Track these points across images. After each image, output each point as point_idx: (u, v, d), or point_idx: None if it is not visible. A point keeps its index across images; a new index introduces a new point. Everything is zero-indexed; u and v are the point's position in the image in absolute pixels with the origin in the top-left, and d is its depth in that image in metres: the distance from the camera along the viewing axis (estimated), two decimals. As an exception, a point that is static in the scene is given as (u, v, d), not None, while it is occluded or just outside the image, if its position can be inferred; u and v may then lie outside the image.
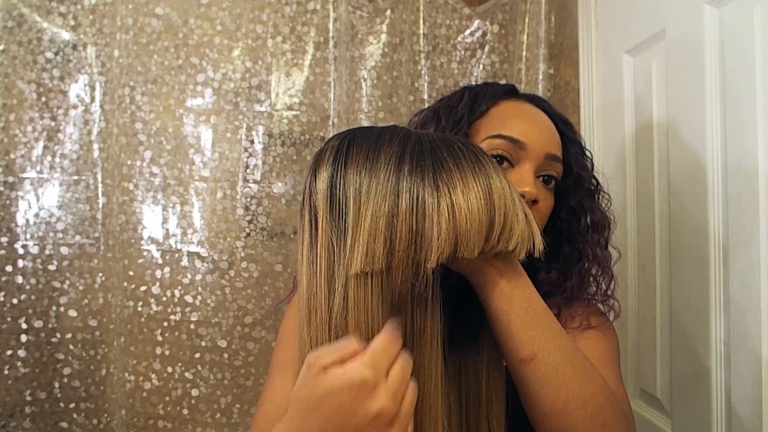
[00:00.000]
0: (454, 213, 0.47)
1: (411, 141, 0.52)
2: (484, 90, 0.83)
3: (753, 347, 0.75)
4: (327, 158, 0.53)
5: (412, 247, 0.47)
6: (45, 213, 1.35)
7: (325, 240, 0.51)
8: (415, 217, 0.47)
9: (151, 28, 1.34)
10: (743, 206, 0.77)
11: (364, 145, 0.52)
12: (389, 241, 0.47)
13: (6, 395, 1.32)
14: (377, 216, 0.48)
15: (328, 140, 0.56)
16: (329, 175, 0.52)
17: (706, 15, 0.83)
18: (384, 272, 0.48)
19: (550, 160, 0.76)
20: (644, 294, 1.03)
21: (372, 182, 0.49)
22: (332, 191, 0.51)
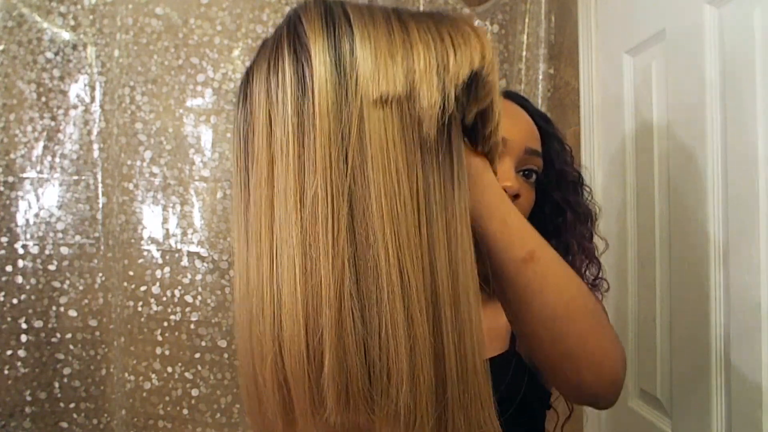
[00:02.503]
0: (476, 32, 0.44)
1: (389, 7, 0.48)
2: None
3: (753, 347, 0.75)
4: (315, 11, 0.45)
5: (435, 63, 0.42)
6: (45, 213, 1.35)
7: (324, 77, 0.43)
8: (432, 35, 0.43)
9: (151, 28, 1.34)
10: (743, 206, 0.77)
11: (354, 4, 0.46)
12: (408, 59, 0.42)
13: (6, 395, 1.32)
14: (390, 34, 0.43)
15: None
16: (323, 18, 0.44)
17: (706, 15, 0.83)
18: (405, 100, 0.42)
19: (530, 154, 0.76)
20: (644, 294, 1.03)
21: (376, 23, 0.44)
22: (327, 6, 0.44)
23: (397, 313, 0.42)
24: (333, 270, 0.42)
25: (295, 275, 0.43)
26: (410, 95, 0.42)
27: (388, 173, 0.42)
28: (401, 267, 0.42)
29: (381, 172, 0.42)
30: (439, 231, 0.44)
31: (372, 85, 0.42)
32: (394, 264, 0.42)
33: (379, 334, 0.42)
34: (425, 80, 0.42)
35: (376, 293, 0.42)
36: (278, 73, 0.44)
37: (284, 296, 0.43)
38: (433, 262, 0.43)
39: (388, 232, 0.42)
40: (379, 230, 0.42)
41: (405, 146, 0.43)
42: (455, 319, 0.43)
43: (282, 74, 0.44)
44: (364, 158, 0.42)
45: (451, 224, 0.44)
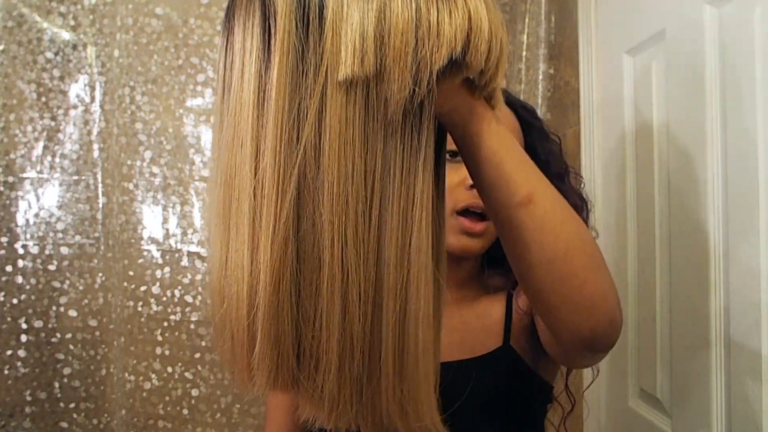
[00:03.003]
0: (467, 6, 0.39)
1: None
2: None
3: (753, 347, 0.75)
4: None
5: (411, 39, 0.38)
6: (45, 213, 1.35)
7: (287, 46, 0.39)
8: (416, 6, 0.38)
9: (151, 28, 1.34)
10: (743, 206, 0.77)
11: None
12: (381, 36, 0.38)
13: (6, 395, 1.32)
14: (365, 10, 0.38)
15: None
16: None
17: (706, 15, 0.83)
18: (372, 80, 0.39)
19: None
20: (644, 294, 1.03)
21: None
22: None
23: (334, 305, 0.41)
24: (273, 250, 0.40)
25: (244, 249, 0.42)
26: (380, 76, 0.39)
27: (343, 157, 0.39)
28: (344, 259, 0.40)
29: (336, 154, 0.39)
30: (392, 218, 0.41)
31: (338, 62, 0.39)
32: (337, 255, 0.40)
33: (313, 323, 0.41)
34: (398, 62, 0.38)
35: (315, 282, 0.41)
36: (249, 25, 0.42)
37: (235, 270, 0.43)
38: (381, 253, 0.41)
39: (335, 221, 0.40)
40: (326, 218, 0.40)
41: (365, 128, 0.40)
42: (399, 313, 0.42)
43: (251, 32, 0.41)
44: (319, 138, 0.39)
45: (409, 211, 0.42)
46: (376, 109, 0.40)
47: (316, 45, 0.39)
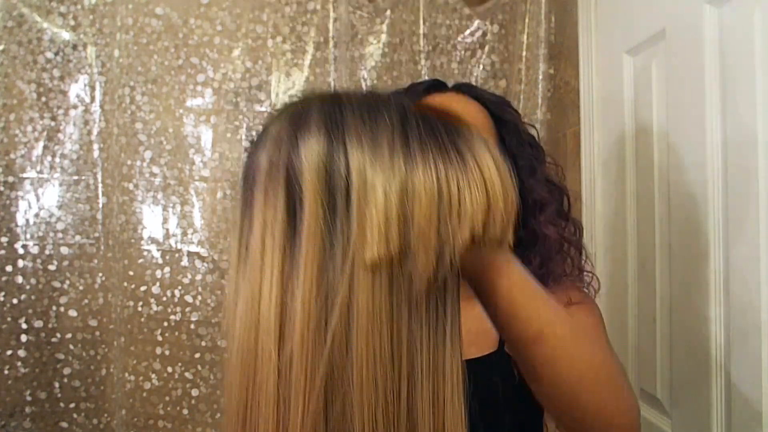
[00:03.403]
0: (483, 176, 0.41)
1: (406, 106, 0.44)
2: (407, 91, 0.84)
3: (753, 347, 0.75)
4: (315, 126, 0.41)
5: (435, 219, 0.39)
6: (45, 213, 1.35)
7: (315, 228, 0.40)
8: (437, 182, 0.39)
9: (151, 28, 1.34)
10: (743, 206, 0.77)
11: (357, 109, 0.42)
12: (405, 216, 0.39)
13: (6, 395, 1.32)
14: (389, 187, 0.39)
15: (299, 103, 0.45)
16: (324, 147, 0.40)
17: (706, 15, 0.83)
18: (397, 258, 0.39)
19: None
20: (644, 294, 1.03)
21: (377, 152, 0.40)
22: (330, 168, 0.40)
23: None
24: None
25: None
26: (404, 254, 0.39)
27: (372, 337, 0.40)
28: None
29: (365, 336, 0.39)
30: (423, 397, 0.41)
31: (365, 244, 0.39)
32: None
33: None
34: (422, 241, 0.39)
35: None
36: (273, 198, 0.42)
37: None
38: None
39: (365, 404, 0.39)
40: (356, 400, 0.39)
41: (392, 307, 0.40)
42: None
43: (275, 202, 0.42)
44: (348, 321, 0.39)
45: (440, 388, 0.42)
46: (401, 286, 0.40)
47: (343, 227, 0.40)
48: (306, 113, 0.43)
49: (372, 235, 0.39)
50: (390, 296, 0.40)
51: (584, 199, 1.23)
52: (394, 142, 0.40)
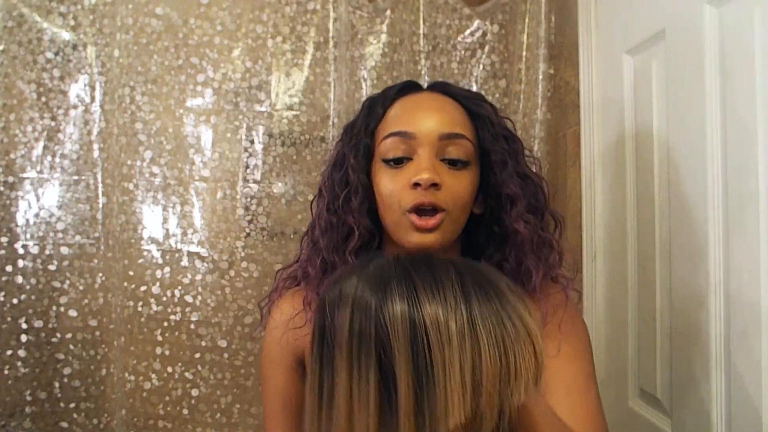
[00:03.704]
0: (532, 340, 0.49)
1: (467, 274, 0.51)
2: (381, 95, 0.85)
3: (753, 347, 0.75)
4: (392, 291, 0.48)
5: (498, 384, 0.47)
6: (45, 213, 1.35)
7: (408, 394, 0.46)
8: (498, 351, 0.47)
9: (151, 28, 1.34)
10: (743, 205, 0.77)
11: (424, 277, 0.49)
12: (476, 384, 0.46)
13: (6, 395, 1.32)
14: (464, 360, 0.46)
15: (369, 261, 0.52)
16: (404, 310, 0.46)
17: (706, 15, 0.83)
18: (470, 421, 0.47)
19: (447, 139, 0.76)
20: (644, 294, 1.03)
21: (449, 320, 0.46)
22: (413, 332, 0.46)
23: None
24: None
25: None
26: (475, 416, 0.47)
27: None
28: None
29: None
30: None
31: (447, 413, 0.46)
32: None
33: None
34: (489, 404, 0.47)
35: None
36: (365, 370, 0.48)
37: None
38: None
39: None
40: None
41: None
42: None
43: (367, 385, 0.48)
44: None
45: None
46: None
47: (428, 398, 0.47)
48: (385, 280, 0.49)
49: (453, 405, 0.46)
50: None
51: (584, 199, 1.23)
52: (464, 319, 0.47)
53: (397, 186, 0.75)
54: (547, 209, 0.83)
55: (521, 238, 0.78)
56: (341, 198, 0.80)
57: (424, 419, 0.46)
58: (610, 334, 1.16)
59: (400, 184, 0.75)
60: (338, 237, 0.80)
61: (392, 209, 0.76)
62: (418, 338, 0.46)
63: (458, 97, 0.82)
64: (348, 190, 0.80)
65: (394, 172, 0.76)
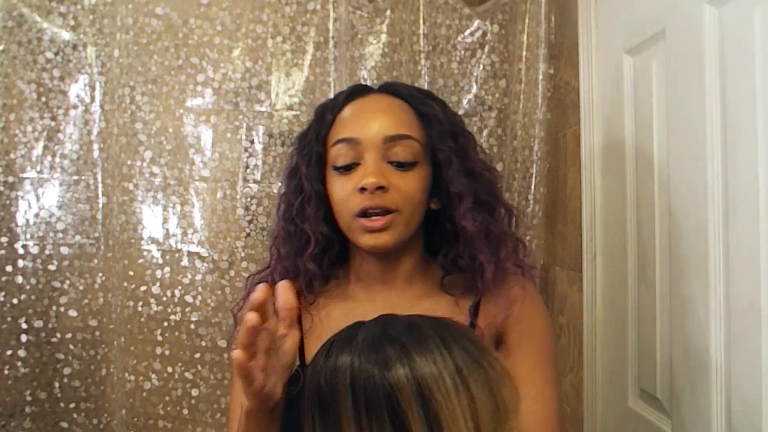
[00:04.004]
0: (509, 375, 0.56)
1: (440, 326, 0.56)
2: (331, 101, 0.86)
3: (753, 347, 0.75)
4: (390, 353, 0.53)
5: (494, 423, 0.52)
6: (45, 213, 1.35)
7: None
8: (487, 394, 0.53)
9: (151, 28, 1.34)
10: (743, 206, 0.77)
11: (408, 335, 0.55)
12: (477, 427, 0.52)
13: (6, 395, 1.32)
14: (464, 409, 0.52)
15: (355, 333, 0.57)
16: (409, 372, 0.52)
17: (706, 15, 0.83)
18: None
19: (392, 141, 0.78)
20: (644, 294, 1.03)
21: (443, 372, 0.52)
22: (420, 390, 0.51)
23: None
24: None
25: None
26: None
27: None
28: None
29: None
30: None
31: None
32: None
33: None
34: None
35: None
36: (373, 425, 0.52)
37: None
38: None
39: None
40: None
41: None
42: None
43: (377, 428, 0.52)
44: None
45: None
46: None
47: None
48: (378, 347, 0.54)
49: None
50: None
51: (584, 199, 1.23)
52: (454, 371, 0.52)
53: (347, 192, 0.78)
54: (499, 203, 0.85)
55: (469, 234, 0.79)
56: (296, 207, 0.83)
57: None
58: (610, 334, 1.16)
59: (349, 190, 0.78)
60: (297, 244, 0.83)
61: (343, 214, 0.79)
62: (424, 396, 0.51)
63: (406, 98, 0.83)
64: (302, 198, 0.82)
65: (344, 179, 0.79)
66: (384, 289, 0.84)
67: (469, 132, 0.87)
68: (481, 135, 1.47)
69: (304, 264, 0.82)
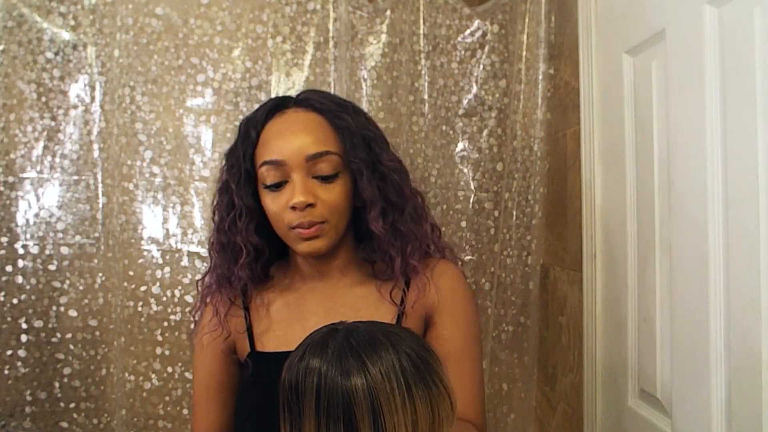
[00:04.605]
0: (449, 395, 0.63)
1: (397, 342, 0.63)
2: (252, 118, 0.92)
3: (753, 347, 0.75)
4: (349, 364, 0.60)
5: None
6: (45, 213, 1.35)
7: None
8: (428, 409, 0.61)
9: (151, 28, 1.34)
10: (743, 206, 0.77)
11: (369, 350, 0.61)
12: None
13: (6, 395, 1.32)
14: (406, 419, 0.59)
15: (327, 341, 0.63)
16: (362, 382, 0.59)
17: (706, 15, 0.83)
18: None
19: (314, 159, 0.85)
20: (644, 294, 1.03)
21: (394, 387, 0.59)
22: (372, 400, 0.59)
23: None
24: None
25: None
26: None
27: None
28: None
29: None
30: None
31: None
32: None
33: None
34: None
35: None
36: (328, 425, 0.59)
37: None
38: None
39: None
40: None
41: None
42: None
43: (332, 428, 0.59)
44: None
45: None
46: None
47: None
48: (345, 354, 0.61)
49: None
50: None
51: (584, 199, 1.23)
52: (405, 389, 0.60)
53: (279, 207, 0.86)
54: (407, 201, 0.92)
55: (378, 235, 0.89)
56: (228, 221, 0.91)
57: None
58: (610, 334, 1.16)
59: (281, 205, 0.86)
60: (229, 255, 0.92)
61: (279, 226, 0.88)
62: (376, 409, 0.59)
63: (321, 111, 0.88)
64: (234, 214, 0.90)
65: (274, 195, 0.87)
66: (322, 280, 0.94)
67: (381, 136, 0.93)
68: (481, 135, 1.47)
69: (237, 272, 0.91)
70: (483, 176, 1.48)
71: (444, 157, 1.47)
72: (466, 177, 1.48)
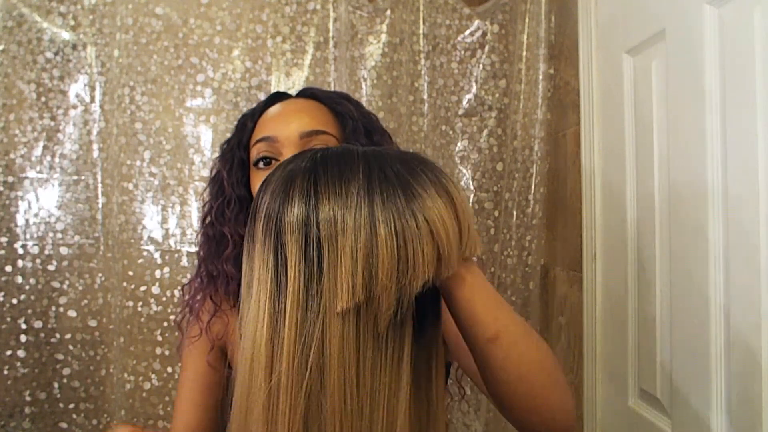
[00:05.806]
0: (432, 236, 0.49)
1: (375, 169, 0.52)
2: (251, 111, 0.89)
3: (753, 347, 0.75)
4: (294, 192, 0.52)
5: (395, 275, 0.48)
6: (45, 213, 1.35)
7: (295, 280, 0.50)
8: (396, 244, 0.48)
9: (151, 28, 1.34)
10: (743, 206, 0.77)
11: (330, 176, 0.51)
12: (369, 272, 0.48)
13: (6, 395, 1.32)
14: (355, 249, 0.48)
15: (285, 166, 0.55)
16: (301, 210, 0.50)
17: (706, 15, 0.83)
18: (363, 305, 0.49)
19: (308, 137, 0.81)
20: (644, 294, 1.03)
21: (346, 216, 0.49)
22: (306, 228, 0.50)
23: None
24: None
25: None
26: (369, 302, 0.49)
27: (341, 371, 0.49)
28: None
29: (336, 371, 0.49)
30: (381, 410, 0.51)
31: (335, 299, 0.49)
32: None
33: None
34: (384, 292, 0.48)
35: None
36: (267, 253, 0.52)
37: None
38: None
39: (336, 423, 0.49)
40: (329, 419, 0.49)
41: (359, 343, 0.50)
42: None
43: (266, 259, 0.52)
44: (323, 359, 0.49)
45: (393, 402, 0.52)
46: (367, 326, 0.50)
47: (317, 285, 0.50)
48: (291, 182, 0.52)
49: (341, 290, 0.48)
50: (357, 335, 0.50)
51: (584, 199, 1.23)
52: (363, 215, 0.49)
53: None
54: None
55: None
56: (215, 210, 0.86)
57: (311, 298, 0.49)
58: (610, 334, 1.16)
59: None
60: (215, 246, 0.86)
61: None
62: (310, 234, 0.50)
63: (322, 99, 0.87)
64: (222, 201, 0.85)
65: (263, 173, 0.81)
66: None
67: (386, 133, 0.90)
68: (481, 135, 1.47)
69: (223, 266, 0.84)
70: (483, 176, 1.48)
71: (444, 157, 1.47)
72: (466, 177, 1.48)
